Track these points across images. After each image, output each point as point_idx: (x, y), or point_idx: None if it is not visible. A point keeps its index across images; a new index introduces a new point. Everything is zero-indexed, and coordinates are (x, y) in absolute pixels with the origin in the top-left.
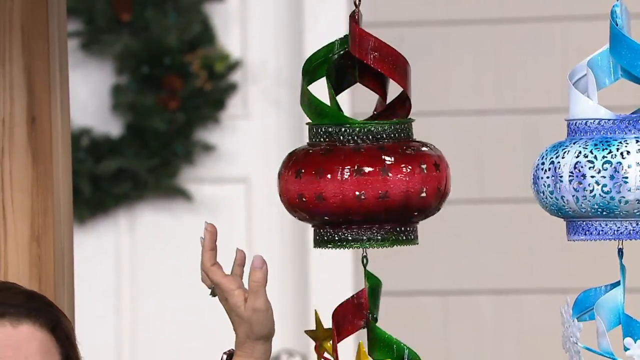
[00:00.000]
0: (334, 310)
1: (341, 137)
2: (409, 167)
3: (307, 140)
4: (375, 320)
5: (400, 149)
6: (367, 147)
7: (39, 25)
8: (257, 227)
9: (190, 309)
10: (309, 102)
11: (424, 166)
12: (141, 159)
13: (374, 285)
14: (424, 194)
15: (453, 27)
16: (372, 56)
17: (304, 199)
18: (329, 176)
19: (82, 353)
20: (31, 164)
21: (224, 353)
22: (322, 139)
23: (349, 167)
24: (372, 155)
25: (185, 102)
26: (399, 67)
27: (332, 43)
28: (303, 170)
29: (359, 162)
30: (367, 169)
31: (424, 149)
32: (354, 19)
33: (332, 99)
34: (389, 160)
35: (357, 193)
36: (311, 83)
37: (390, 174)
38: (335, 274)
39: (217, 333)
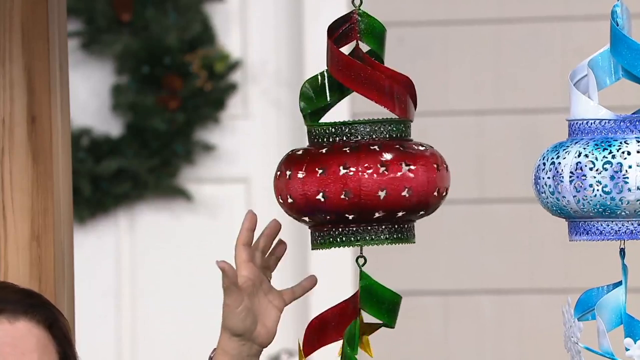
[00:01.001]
0: (318, 315)
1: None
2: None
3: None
4: (391, 327)
5: (367, 148)
6: (332, 147)
7: (39, 25)
8: (257, 227)
9: (190, 309)
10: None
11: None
12: (141, 159)
13: (369, 287)
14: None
15: (453, 27)
16: (346, 77)
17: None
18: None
19: (82, 352)
20: (31, 164)
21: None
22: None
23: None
24: (329, 156)
25: (186, 102)
26: (374, 87)
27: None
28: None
29: (320, 163)
30: (322, 170)
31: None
32: (331, 36)
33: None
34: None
35: (319, 192)
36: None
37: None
38: (335, 273)
39: (217, 333)
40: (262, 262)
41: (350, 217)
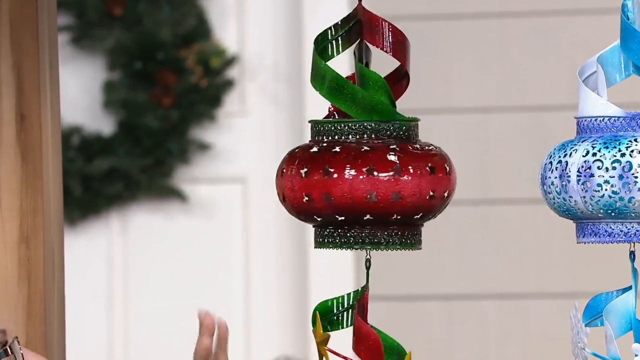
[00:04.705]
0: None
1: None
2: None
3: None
4: None
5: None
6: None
7: (28, 21)
8: (255, 228)
9: (184, 313)
10: (351, 94)
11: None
12: (134, 158)
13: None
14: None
15: (456, 22)
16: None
17: (331, 198)
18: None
19: (72, 357)
20: (20, 163)
21: None
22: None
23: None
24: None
25: (180, 99)
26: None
27: (328, 29)
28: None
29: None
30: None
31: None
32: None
33: (382, 87)
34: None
35: (392, 193)
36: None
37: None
38: (336, 276)
39: None
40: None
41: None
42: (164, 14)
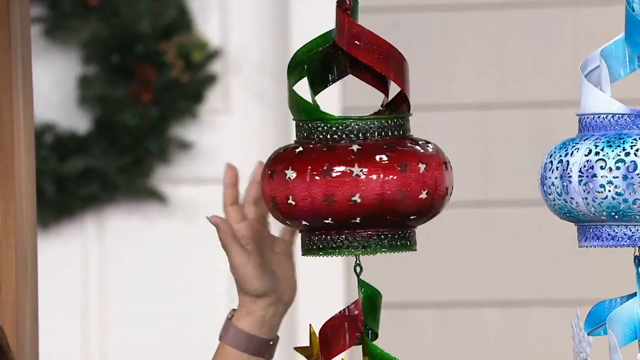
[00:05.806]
0: (323, 325)
1: (315, 135)
2: (382, 168)
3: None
4: (376, 336)
5: (388, 146)
6: (339, 146)
7: None
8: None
9: (164, 321)
10: (290, 98)
11: (405, 166)
12: (111, 158)
13: (371, 296)
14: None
15: (454, 13)
16: (360, 49)
17: (277, 201)
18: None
19: None
20: None
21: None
22: (306, 136)
23: (319, 167)
24: (344, 154)
25: (160, 95)
26: (392, 61)
27: (316, 39)
28: (275, 171)
29: (329, 162)
30: (337, 169)
31: (413, 146)
32: (342, 7)
33: (311, 92)
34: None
35: (326, 195)
36: (298, 80)
37: (361, 176)
38: (326, 284)
39: (192, 346)
40: (256, 214)
41: (358, 221)
42: (143, 5)
